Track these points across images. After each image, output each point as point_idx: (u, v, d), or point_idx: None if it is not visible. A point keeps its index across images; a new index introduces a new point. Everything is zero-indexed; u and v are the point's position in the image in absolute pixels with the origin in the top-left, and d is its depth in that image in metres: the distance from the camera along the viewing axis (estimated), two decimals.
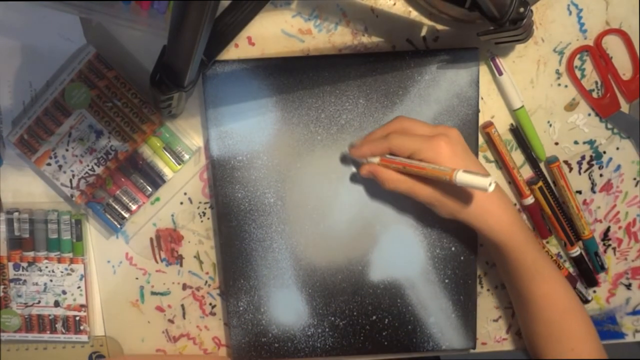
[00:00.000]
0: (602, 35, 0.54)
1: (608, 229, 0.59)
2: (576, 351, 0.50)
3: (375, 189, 0.54)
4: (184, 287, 0.59)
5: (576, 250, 0.58)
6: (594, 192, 0.58)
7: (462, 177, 0.42)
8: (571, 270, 0.59)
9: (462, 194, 0.48)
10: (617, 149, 0.57)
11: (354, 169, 0.54)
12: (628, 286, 0.61)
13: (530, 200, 0.56)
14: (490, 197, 0.48)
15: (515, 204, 0.58)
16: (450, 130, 0.48)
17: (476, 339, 0.58)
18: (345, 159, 0.54)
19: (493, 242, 0.50)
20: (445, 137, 0.47)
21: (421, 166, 0.46)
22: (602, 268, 0.59)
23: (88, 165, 0.55)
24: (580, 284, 0.59)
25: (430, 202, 0.49)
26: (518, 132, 0.56)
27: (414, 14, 0.54)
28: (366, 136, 0.52)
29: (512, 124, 0.56)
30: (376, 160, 0.50)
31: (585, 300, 0.60)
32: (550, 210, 0.56)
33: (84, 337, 0.58)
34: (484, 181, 0.42)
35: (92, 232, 0.57)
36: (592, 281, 0.59)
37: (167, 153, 0.55)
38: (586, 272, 0.59)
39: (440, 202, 0.48)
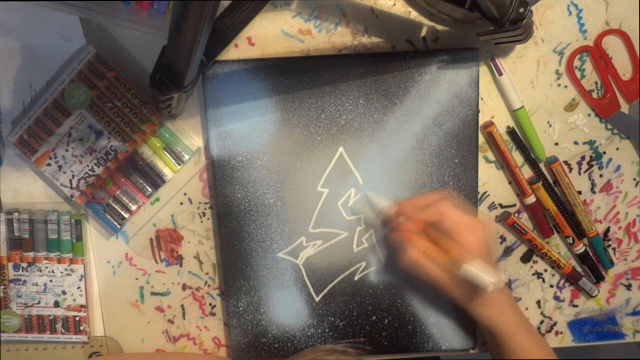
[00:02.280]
0: (602, 35, 0.54)
1: (608, 230, 0.59)
2: None
3: (375, 190, 0.54)
4: (184, 287, 0.59)
5: (581, 247, 0.58)
6: (594, 192, 0.58)
7: (468, 271, 0.44)
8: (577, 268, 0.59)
9: (464, 284, 0.48)
10: (617, 149, 0.57)
11: (353, 168, 0.54)
12: (628, 287, 0.61)
13: (532, 199, 0.56)
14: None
15: (515, 204, 0.58)
16: (483, 221, 0.49)
17: (476, 339, 0.58)
18: (356, 206, 0.54)
19: (487, 328, 0.51)
20: (484, 226, 0.48)
21: (447, 241, 0.47)
22: (612, 263, 0.59)
23: (88, 166, 0.55)
24: (584, 280, 0.59)
25: (437, 285, 0.48)
26: (515, 134, 0.56)
27: (414, 15, 0.54)
28: (416, 199, 0.51)
29: (509, 126, 0.56)
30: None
31: (591, 296, 0.60)
32: (556, 207, 0.56)
33: (83, 338, 0.58)
34: (487, 279, 0.43)
35: (92, 232, 0.57)
36: (599, 276, 0.59)
37: (167, 153, 0.55)
38: (592, 267, 0.59)
39: (444, 287, 0.48)
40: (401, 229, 0.49)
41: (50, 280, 0.57)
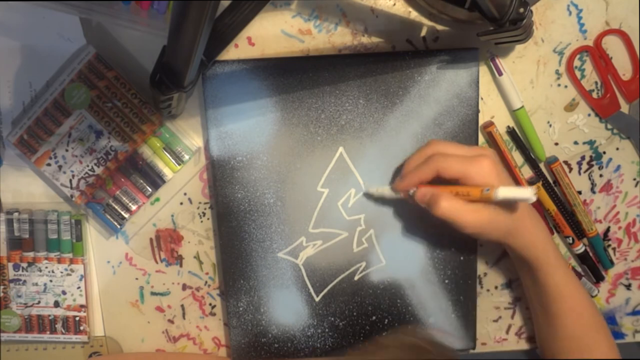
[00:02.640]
0: (602, 35, 0.54)
1: (608, 230, 0.59)
2: None
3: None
4: (184, 287, 0.59)
5: (580, 247, 0.58)
6: (594, 192, 0.58)
7: (505, 192, 0.43)
8: (577, 268, 0.60)
9: (503, 215, 0.47)
10: (617, 149, 0.57)
11: (353, 169, 0.54)
12: (628, 286, 0.61)
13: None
14: (525, 216, 0.49)
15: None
16: (488, 150, 0.49)
17: (476, 339, 0.58)
18: (369, 196, 0.54)
19: (526, 258, 0.51)
20: (488, 157, 0.47)
21: (462, 190, 0.46)
22: (612, 263, 0.59)
23: (88, 166, 0.55)
24: (584, 280, 0.59)
25: (478, 226, 0.47)
26: (515, 134, 0.56)
27: (414, 15, 0.54)
28: (404, 167, 0.51)
29: (509, 126, 0.56)
30: (412, 192, 0.49)
31: (591, 296, 0.60)
32: (556, 207, 0.56)
33: (83, 338, 0.58)
34: (526, 192, 0.43)
35: (92, 232, 0.57)
36: (599, 276, 0.59)
37: (167, 153, 0.55)
38: (592, 267, 0.59)
39: (485, 225, 0.47)
40: (419, 192, 0.49)
41: (50, 280, 0.57)
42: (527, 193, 0.43)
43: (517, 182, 0.56)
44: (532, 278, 0.53)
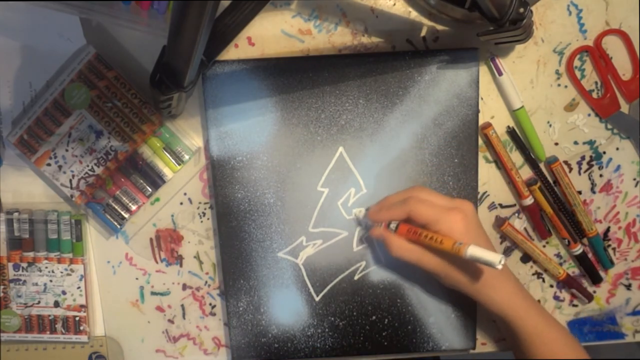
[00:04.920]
0: (602, 35, 0.54)
1: (608, 230, 0.59)
2: None
3: (375, 190, 0.54)
4: (184, 287, 0.59)
5: (579, 248, 0.58)
6: (594, 192, 0.58)
7: (474, 252, 0.43)
8: (570, 272, 0.59)
9: (467, 268, 0.48)
10: (617, 149, 0.57)
11: (353, 168, 0.54)
12: (628, 286, 0.61)
13: (529, 200, 0.56)
14: (493, 271, 0.49)
15: (515, 204, 0.58)
16: (467, 204, 0.49)
17: (476, 339, 0.58)
18: (355, 219, 0.55)
19: (496, 314, 0.51)
20: (462, 212, 0.48)
21: (436, 237, 0.46)
22: (612, 263, 0.59)
23: (88, 166, 0.55)
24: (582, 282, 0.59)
25: (436, 273, 0.49)
26: (515, 134, 0.56)
27: (414, 15, 0.54)
28: (382, 201, 0.53)
29: (508, 126, 0.56)
30: (393, 225, 0.50)
31: (590, 297, 0.60)
32: (552, 209, 0.56)
33: (83, 338, 0.58)
34: (494, 257, 0.42)
35: (92, 232, 0.57)
36: (597, 277, 0.59)
37: (167, 153, 0.55)
38: (590, 269, 0.59)
39: (446, 274, 0.49)
40: (372, 231, 0.51)
41: (50, 280, 0.57)
42: (495, 258, 0.42)
43: (513, 184, 0.56)
44: (508, 332, 0.53)
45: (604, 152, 0.57)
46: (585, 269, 0.59)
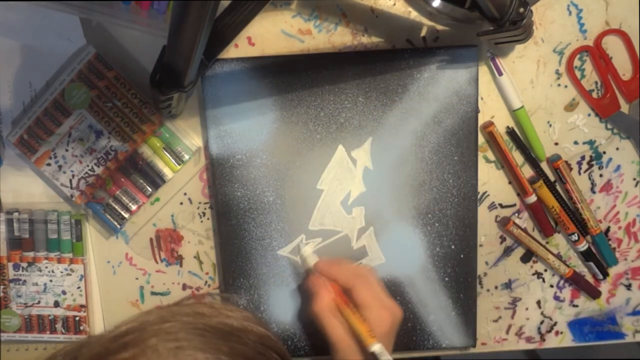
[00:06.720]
0: (602, 35, 0.54)
1: (608, 229, 0.59)
2: None
3: (375, 188, 0.54)
4: (184, 287, 0.59)
5: (584, 244, 0.58)
6: (594, 192, 0.58)
7: (380, 350, 0.46)
8: (576, 268, 0.59)
9: (361, 354, 0.49)
10: (617, 149, 0.57)
11: (352, 167, 0.54)
12: (628, 286, 0.61)
13: (533, 198, 0.56)
14: None
15: (515, 204, 0.58)
16: (399, 311, 0.51)
17: (476, 337, 0.58)
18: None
19: None
20: (393, 315, 0.50)
21: (360, 316, 0.48)
22: (617, 260, 0.59)
23: (88, 166, 0.55)
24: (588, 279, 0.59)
25: (335, 345, 0.49)
26: (515, 134, 0.56)
27: (414, 14, 0.54)
28: (336, 260, 0.54)
29: (508, 126, 0.56)
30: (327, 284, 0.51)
31: (598, 294, 0.59)
32: (559, 204, 0.56)
33: (83, 338, 0.58)
34: None
35: (92, 232, 0.57)
36: (604, 272, 0.59)
37: (167, 153, 0.55)
38: (597, 264, 0.59)
39: (343, 351, 0.49)
40: (310, 279, 0.52)
41: (50, 280, 0.57)
42: None
43: (518, 181, 0.56)
44: None
45: (604, 152, 0.57)
46: (593, 262, 0.59)
